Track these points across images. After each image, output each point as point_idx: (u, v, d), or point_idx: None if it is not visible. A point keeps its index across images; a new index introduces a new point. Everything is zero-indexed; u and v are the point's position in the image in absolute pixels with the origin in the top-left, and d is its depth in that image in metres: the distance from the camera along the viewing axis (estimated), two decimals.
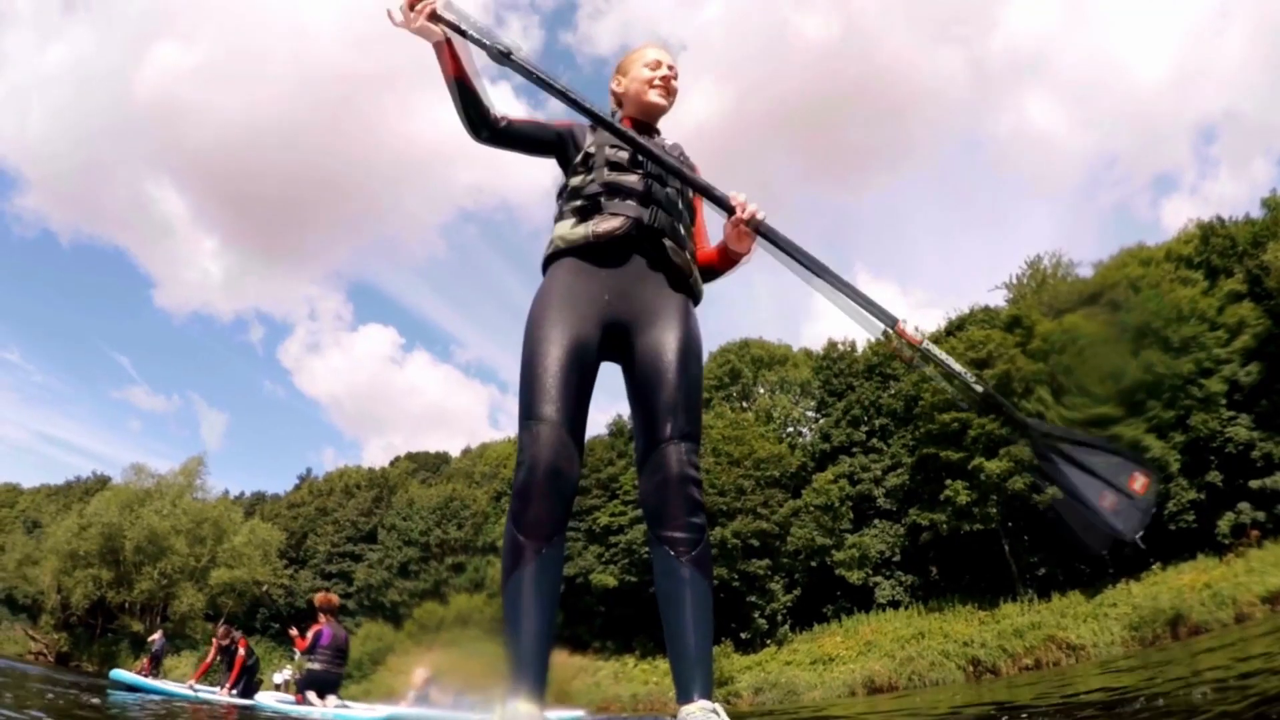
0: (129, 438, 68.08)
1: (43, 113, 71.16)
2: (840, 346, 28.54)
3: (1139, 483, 1.79)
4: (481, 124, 1.93)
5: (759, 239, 1.89)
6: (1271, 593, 19.44)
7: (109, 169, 72.35)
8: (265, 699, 11.42)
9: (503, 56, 1.86)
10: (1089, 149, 58.50)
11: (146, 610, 32.86)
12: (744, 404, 29.39)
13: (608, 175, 1.90)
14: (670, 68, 2.07)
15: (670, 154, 1.96)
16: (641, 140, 1.88)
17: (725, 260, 2.03)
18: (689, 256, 1.94)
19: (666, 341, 1.80)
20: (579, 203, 1.90)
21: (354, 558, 32.69)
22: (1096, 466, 1.82)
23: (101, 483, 37.59)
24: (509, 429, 77.27)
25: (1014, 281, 26.86)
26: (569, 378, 1.70)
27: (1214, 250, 25.15)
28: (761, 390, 29.47)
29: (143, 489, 34.00)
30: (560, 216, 1.93)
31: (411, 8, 1.86)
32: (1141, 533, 1.80)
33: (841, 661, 24.48)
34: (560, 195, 2.00)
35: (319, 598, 10.24)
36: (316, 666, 9.58)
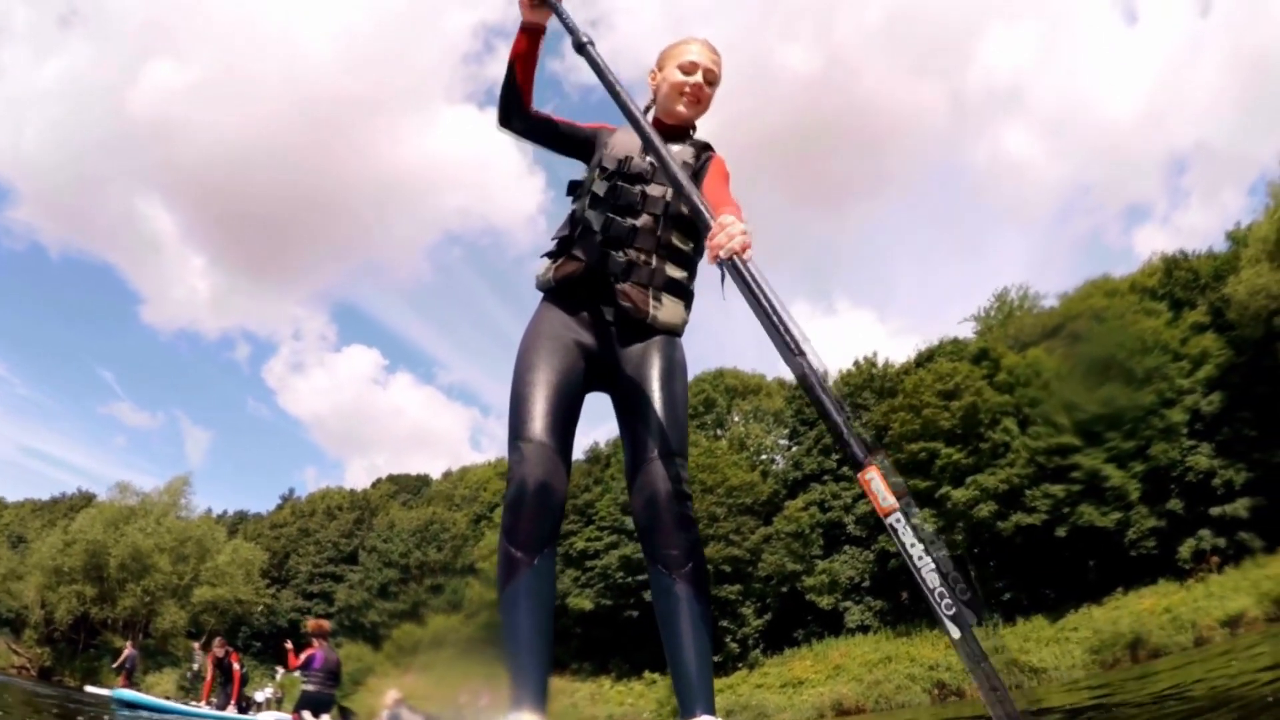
0: (114, 453, 68.22)
1: (37, 127, 71.17)
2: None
3: None
4: (517, 111, 1.98)
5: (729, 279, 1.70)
6: (1231, 617, 19.93)
7: (100, 184, 72.41)
8: (265, 718, 11.83)
9: (581, 46, 1.92)
10: (1063, 179, 59.91)
11: (129, 627, 33.00)
12: (718, 432, 29.94)
13: (587, 213, 1.91)
14: (707, 70, 2.03)
15: (675, 162, 1.85)
16: (659, 148, 1.79)
17: None
18: (650, 295, 1.87)
19: (646, 367, 1.83)
20: (553, 243, 1.97)
21: (335, 578, 33.10)
22: None
23: (86, 499, 37.81)
24: (490, 452, 77.82)
25: (982, 314, 27.47)
26: (555, 401, 1.76)
27: (1177, 283, 25.81)
28: (736, 419, 30.03)
29: (127, 507, 34.29)
30: (549, 249, 2.00)
31: None
32: None
33: (811, 684, 24.95)
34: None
35: (311, 623, 10.84)
36: (311, 688, 10.15)
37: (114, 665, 18.46)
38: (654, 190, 1.92)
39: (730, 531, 25.03)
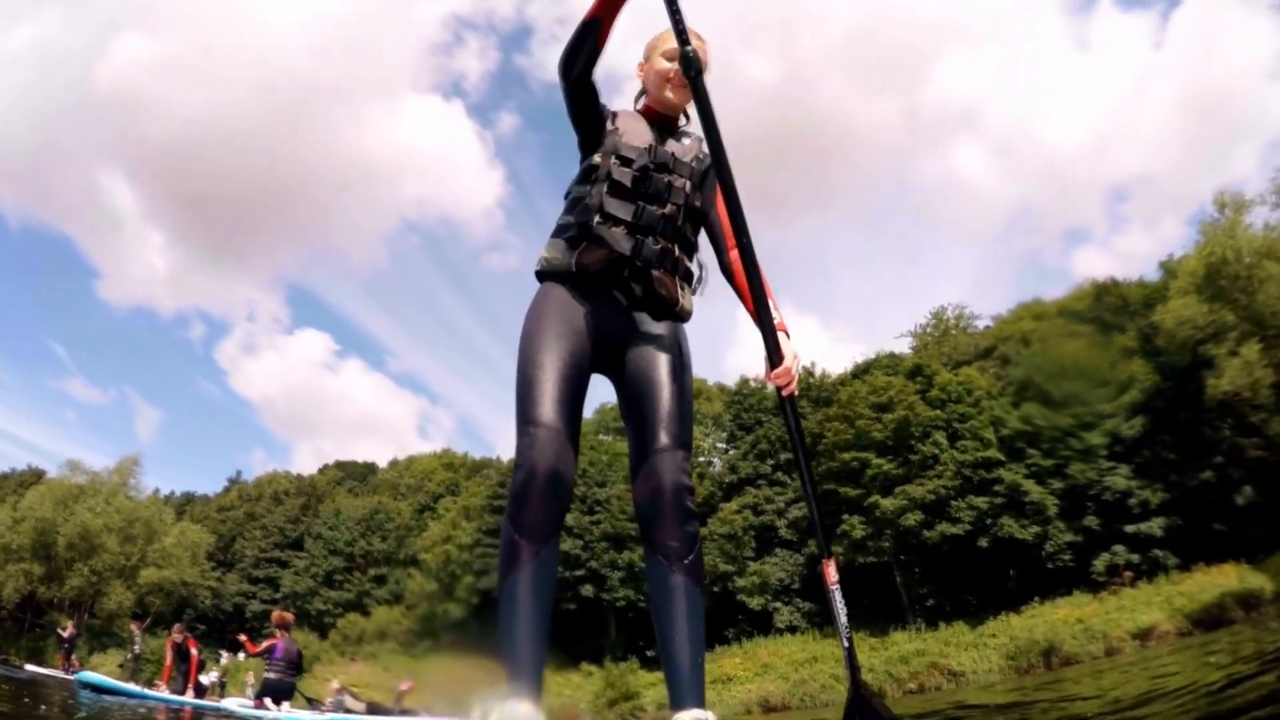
0: (64, 429, 67.33)
1: (3, 94, 70.08)
2: (752, 383, 29.95)
3: None
4: (584, 69, 1.89)
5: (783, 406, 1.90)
6: (1141, 629, 21.01)
7: (64, 156, 71.44)
8: (229, 704, 12.01)
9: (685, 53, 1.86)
10: (1009, 199, 61.93)
11: (76, 606, 32.88)
12: None
13: (605, 199, 1.89)
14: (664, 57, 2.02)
15: (684, 159, 1.98)
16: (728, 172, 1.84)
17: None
18: (677, 282, 1.93)
19: (656, 356, 1.84)
20: (571, 225, 1.91)
21: (281, 564, 33.28)
22: None
23: (36, 476, 37.52)
24: (438, 441, 78.10)
25: (918, 330, 28.31)
26: (563, 385, 1.73)
27: (1106, 308, 26.80)
28: None
29: (77, 485, 34.09)
30: (557, 231, 1.95)
31: None
32: None
33: (740, 681, 25.54)
34: (567, 196, 2.00)
35: (275, 615, 11.36)
36: (273, 676, 10.63)
37: (63, 647, 18.65)
38: (678, 181, 1.95)
39: None
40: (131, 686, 12.64)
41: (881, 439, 25.70)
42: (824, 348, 59.34)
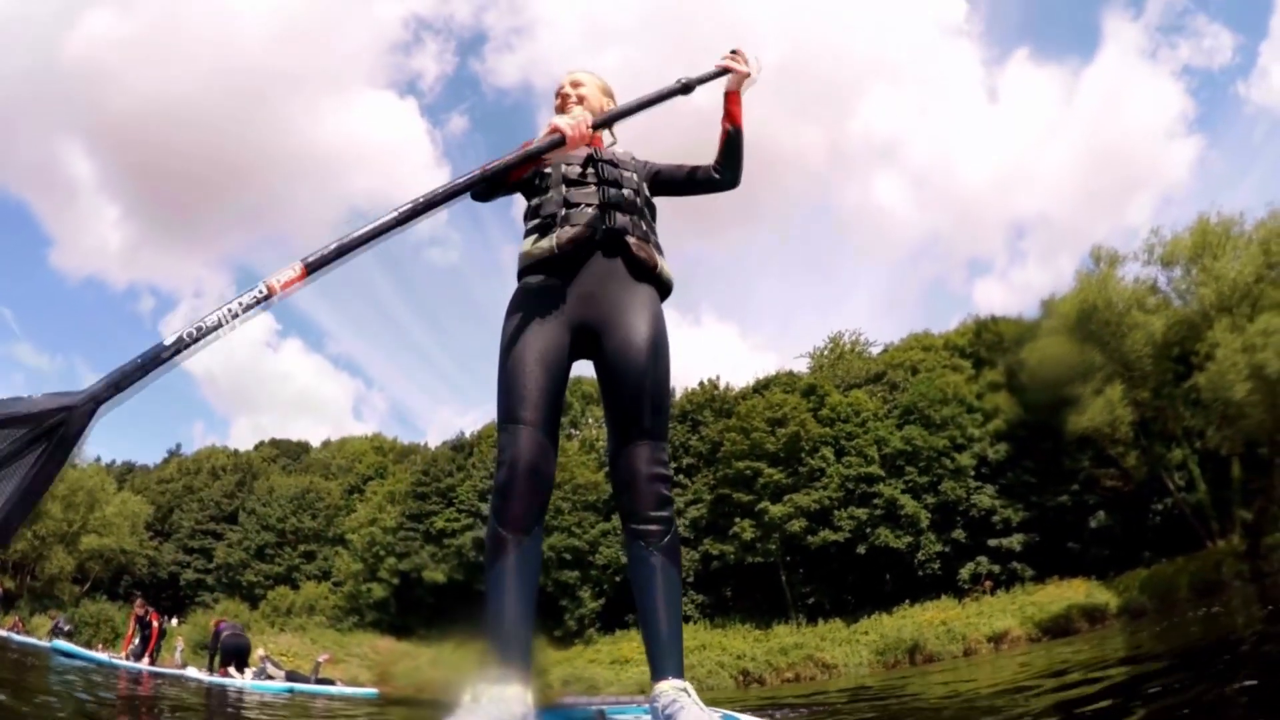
0: (10, 391, 67.26)
1: None
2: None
3: None
4: (500, 193, 2.03)
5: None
6: (997, 633, 22.95)
7: (24, 122, 71.67)
8: (190, 672, 12.56)
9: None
10: (920, 227, 66.57)
11: (19, 569, 33.51)
12: (571, 432, 32.78)
13: (565, 191, 1.96)
14: (564, 96, 2.19)
15: (625, 160, 2.12)
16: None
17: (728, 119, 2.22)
18: (653, 249, 2.00)
19: (634, 342, 1.84)
20: (539, 220, 1.96)
21: (215, 535, 34.62)
22: None
23: None
24: (370, 423, 79.77)
25: (816, 352, 30.80)
26: (542, 383, 1.77)
27: (984, 344, 29.49)
28: (591, 422, 32.94)
29: None
30: (529, 231, 2.00)
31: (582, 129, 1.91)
32: None
33: (635, 663, 27.02)
34: (526, 217, 2.05)
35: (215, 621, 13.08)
36: (228, 634, 12.27)
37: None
38: (626, 174, 2.06)
39: (573, 524, 27.96)
40: (100, 655, 13.00)
41: (774, 451, 27.89)
42: (742, 354, 63.42)
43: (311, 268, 1.56)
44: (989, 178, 69.98)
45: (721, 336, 70.53)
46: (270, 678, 12.80)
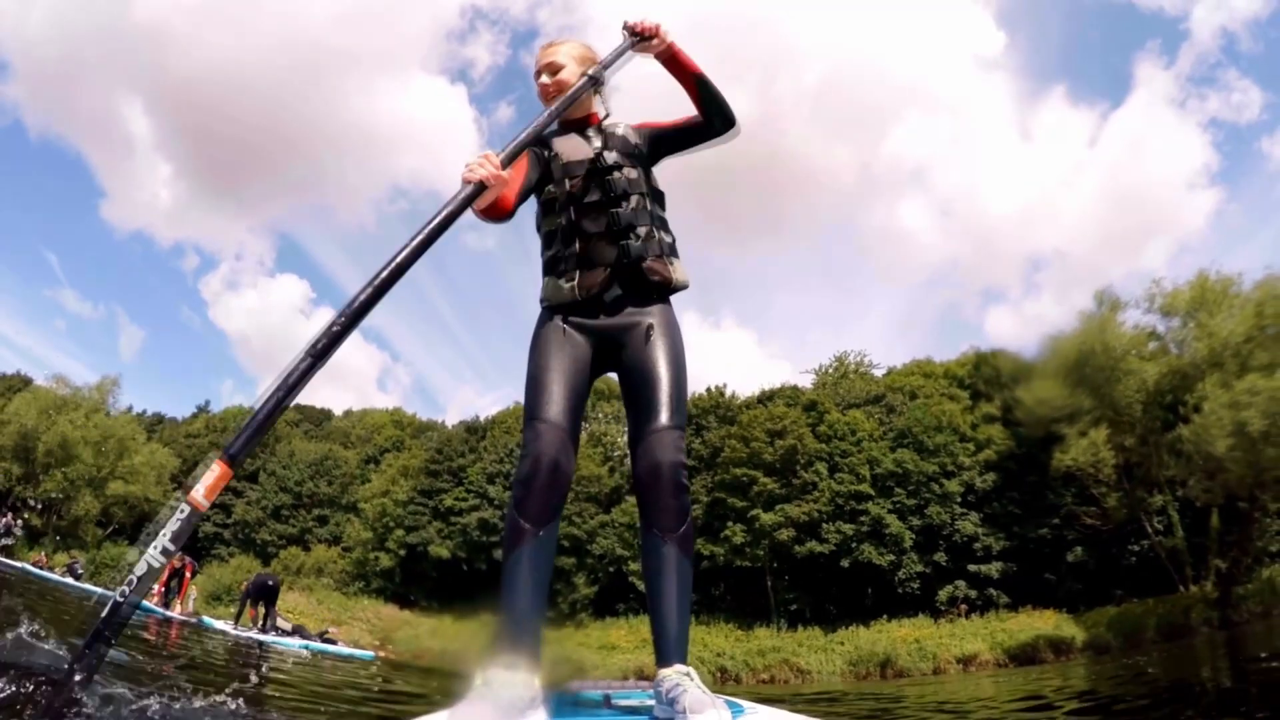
0: (53, 336, 69.86)
1: (43, 9, 73.08)
2: None
3: None
4: (507, 216, 1.99)
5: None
6: (966, 655, 23.87)
7: (90, 77, 74.37)
8: (217, 623, 13.30)
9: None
10: (939, 252, 67.70)
11: (48, 509, 34.62)
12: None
13: (579, 222, 2.02)
14: (545, 68, 2.16)
15: (625, 150, 2.11)
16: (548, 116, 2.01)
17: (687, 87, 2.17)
18: (666, 262, 2.05)
19: (653, 345, 1.96)
20: (554, 254, 2.05)
21: (235, 493, 35.83)
22: None
23: (24, 382, 39.75)
24: (394, 396, 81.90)
25: (821, 370, 31.85)
26: (566, 389, 1.88)
27: (982, 377, 30.40)
28: (601, 418, 34.22)
29: (61, 397, 36.19)
30: (548, 268, 2.08)
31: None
32: None
33: (622, 651, 27.96)
34: (539, 230, 2.14)
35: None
36: (260, 579, 13.46)
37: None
38: (631, 174, 2.08)
39: (574, 514, 29.32)
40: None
41: (771, 461, 28.91)
42: (758, 361, 64.93)
43: (232, 460, 1.65)
44: (1012, 210, 70.97)
45: (739, 342, 72.08)
46: (279, 629, 14.01)
